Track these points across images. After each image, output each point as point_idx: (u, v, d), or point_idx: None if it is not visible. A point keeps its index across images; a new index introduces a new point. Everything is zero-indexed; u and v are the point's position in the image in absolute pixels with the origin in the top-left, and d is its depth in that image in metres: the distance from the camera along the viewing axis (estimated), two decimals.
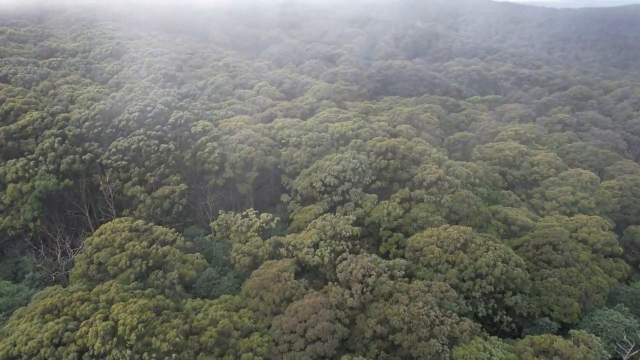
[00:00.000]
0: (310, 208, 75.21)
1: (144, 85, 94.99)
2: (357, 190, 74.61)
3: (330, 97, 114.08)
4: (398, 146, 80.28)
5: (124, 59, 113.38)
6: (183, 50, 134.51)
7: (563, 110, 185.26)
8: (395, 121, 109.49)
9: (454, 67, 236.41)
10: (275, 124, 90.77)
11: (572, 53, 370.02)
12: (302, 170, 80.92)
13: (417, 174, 79.31)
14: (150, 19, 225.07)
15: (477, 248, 64.63)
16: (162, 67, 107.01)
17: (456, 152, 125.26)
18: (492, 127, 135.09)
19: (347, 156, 77.19)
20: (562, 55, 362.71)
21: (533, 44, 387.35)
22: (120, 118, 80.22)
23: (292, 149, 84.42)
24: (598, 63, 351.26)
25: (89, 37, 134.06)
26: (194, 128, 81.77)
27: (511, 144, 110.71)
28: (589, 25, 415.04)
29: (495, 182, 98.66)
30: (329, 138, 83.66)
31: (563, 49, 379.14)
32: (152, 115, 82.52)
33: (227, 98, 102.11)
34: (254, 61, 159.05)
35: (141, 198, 71.04)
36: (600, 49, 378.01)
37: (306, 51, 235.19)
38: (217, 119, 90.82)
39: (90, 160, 75.05)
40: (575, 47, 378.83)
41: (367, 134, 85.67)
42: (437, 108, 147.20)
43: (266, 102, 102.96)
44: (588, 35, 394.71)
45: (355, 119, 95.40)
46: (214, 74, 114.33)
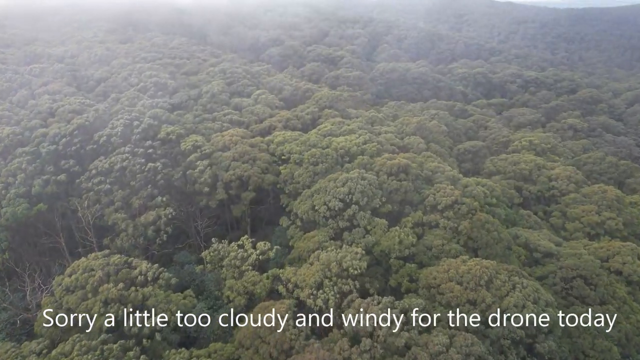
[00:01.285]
0: (312, 235, 66.57)
1: (131, 95, 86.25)
2: (366, 214, 65.95)
3: (333, 106, 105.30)
4: (410, 165, 71.61)
5: (114, 65, 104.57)
6: (178, 55, 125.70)
7: (573, 115, 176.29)
8: (403, 132, 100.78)
9: (458, 70, 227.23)
10: (275, 138, 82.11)
11: (576, 54, 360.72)
12: (303, 191, 72.27)
13: (430, 195, 70.65)
14: (147, 20, 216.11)
15: (501, 285, 56.10)
16: (153, 74, 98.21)
17: (466, 163, 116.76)
18: (503, 135, 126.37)
19: (354, 176, 68.53)
20: (566, 56, 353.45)
21: (536, 44, 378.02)
22: (102, 134, 71.60)
23: (292, 166, 75.78)
24: (602, 64, 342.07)
25: (78, 41, 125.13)
26: (184, 145, 73.17)
27: (526, 157, 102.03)
28: (593, 25, 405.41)
29: (512, 199, 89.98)
30: (333, 155, 74.98)
31: (566, 49, 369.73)
32: (140, 130, 73.92)
33: (222, 108, 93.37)
34: (253, 65, 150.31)
35: (123, 226, 62.43)
36: (604, 49, 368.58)
37: (307, 53, 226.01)
38: (210, 132, 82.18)
39: (67, 182, 66.49)
40: (579, 48, 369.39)
41: (374, 150, 77.00)
42: (445, 115, 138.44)
43: (265, 112, 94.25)
44: (592, 35, 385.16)
45: (360, 131, 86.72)
46: (210, 80, 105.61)
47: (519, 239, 73.50)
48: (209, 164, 74.20)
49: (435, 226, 68.40)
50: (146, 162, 69.24)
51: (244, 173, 72.13)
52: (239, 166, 72.84)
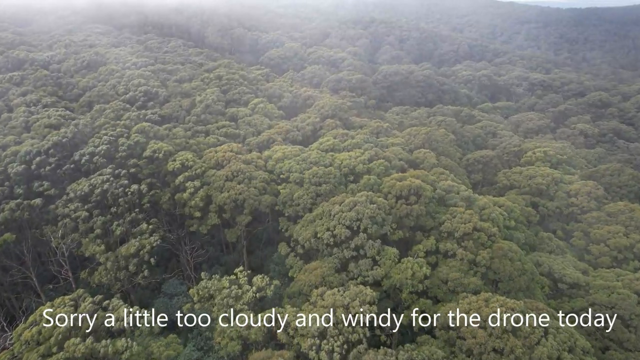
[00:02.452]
0: (315, 267, 58.91)
1: (117, 107, 78.37)
2: (375, 244, 58.27)
3: (336, 115, 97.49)
4: (422, 187, 63.79)
5: (101, 72, 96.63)
6: (171, 60, 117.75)
7: (583, 119, 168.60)
8: (412, 143, 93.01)
9: (463, 72, 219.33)
10: (273, 154, 74.33)
11: (580, 54, 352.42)
12: (304, 215, 64.57)
13: (447, 221, 62.88)
14: (143, 22, 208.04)
15: (531, 331, 48.40)
16: (143, 82, 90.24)
17: (476, 174, 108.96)
18: (514, 144, 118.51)
19: (362, 200, 60.83)
20: (569, 56, 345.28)
21: (539, 45, 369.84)
22: (84, 152, 63.84)
23: (292, 186, 68.05)
24: (607, 64, 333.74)
25: (66, 45, 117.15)
26: (172, 164, 65.36)
27: (543, 170, 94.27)
28: (596, 25, 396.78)
29: (529, 216, 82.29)
30: (336, 174, 67.21)
31: (570, 50, 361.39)
32: (125, 147, 66.16)
33: (217, 119, 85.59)
34: (251, 69, 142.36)
35: (101, 260, 54.74)
36: (609, 50, 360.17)
37: (308, 55, 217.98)
38: (203, 148, 74.42)
39: (40, 207, 58.78)
40: (583, 48, 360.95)
41: (382, 169, 69.18)
42: (452, 121, 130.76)
43: (262, 123, 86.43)
44: (595, 36, 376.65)
45: (366, 145, 78.99)
46: (204, 88, 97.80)
47: (542, 267, 65.88)
48: (201, 184, 66.49)
49: (452, 256, 60.69)
50: (130, 184, 61.48)
51: (239, 195, 64.37)
52: (234, 187, 65.09)
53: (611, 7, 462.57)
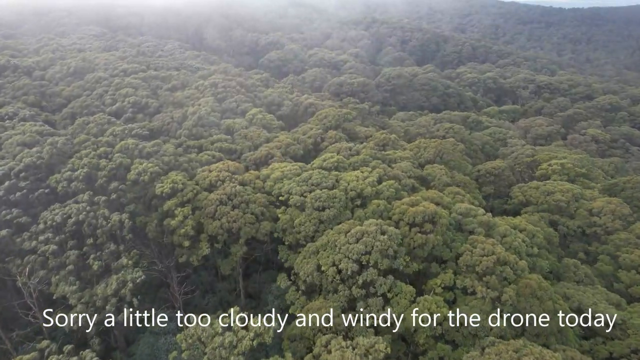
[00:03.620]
0: (319, 306, 51.52)
1: (102, 120, 70.76)
2: (387, 281, 50.89)
3: (339, 126, 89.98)
4: (438, 213, 56.30)
5: (88, 80, 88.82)
6: (165, 65, 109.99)
7: (593, 124, 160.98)
8: (421, 157, 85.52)
9: (467, 75, 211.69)
10: (271, 172, 66.78)
11: (583, 55, 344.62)
12: (306, 245, 57.11)
13: (466, 253, 55.42)
14: (140, 23, 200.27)
15: None
16: (131, 92, 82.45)
17: (487, 186, 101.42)
18: (526, 154, 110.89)
19: (371, 230, 53.38)
20: (573, 57, 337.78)
21: (542, 45, 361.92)
22: (60, 177, 56.29)
23: (293, 211, 60.57)
24: (611, 65, 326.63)
25: (54, 50, 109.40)
26: (160, 187, 57.81)
27: (562, 185, 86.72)
28: (599, 25, 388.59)
29: (550, 238, 74.75)
30: (342, 198, 59.71)
31: (573, 50, 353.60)
32: (106, 172, 58.61)
33: (211, 132, 78.05)
34: (250, 74, 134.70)
35: (72, 302, 47.31)
36: (612, 50, 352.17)
37: (308, 57, 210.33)
38: (196, 166, 66.88)
39: (6, 238, 51.29)
40: (586, 49, 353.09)
41: (392, 191, 61.65)
42: (460, 129, 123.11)
43: (260, 136, 78.85)
44: (599, 36, 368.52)
45: (373, 162, 71.53)
46: (198, 97, 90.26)
47: (570, 301, 58.44)
48: (192, 209, 59.04)
49: (472, 293, 53.26)
50: (111, 213, 53.99)
51: (233, 223, 56.92)
52: (228, 213, 57.63)
53: (614, 7, 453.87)
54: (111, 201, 56.31)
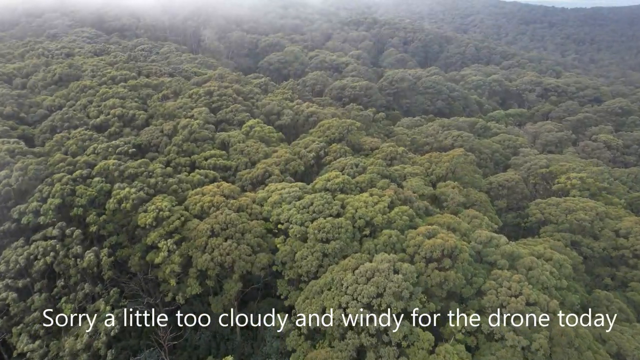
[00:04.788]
0: (324, 356, 44.29)
1: (83, 136, 63.37)
2: (403, 328, 43.59)
3: (344, 138, 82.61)
4: (459, 248, 49.01)
5: (72, 89, 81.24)
6: (158, 70, 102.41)
7: (604, 129, 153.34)
8: (433, 173, 78.07)
9: (472, 77, 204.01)
10: (269, 195, 59.42)
11: (587, 55, 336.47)
12: (309, 283, 49.84)
13: (488, 291, 48.16)
14: (135, 24, 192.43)
15: None
16: (118, 103, 74.78)
17: (500, 200, 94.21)
18: (541, 164, 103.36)
19: (383, 268, 46.10)
20: (577, 57, 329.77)
21: (545, 45, 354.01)
22: (25, 209, 48.90)
23: (293, 242, 53.25)
24: (615, 66, 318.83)
25: (39, 54, 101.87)
26: (144, 217, 50.48)
27: (583, 202, 79.42)
28: (602, 25, 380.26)
29: (575, 265, 67.42)
30: (349, 227, 52.38)
31: (577, 51, 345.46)
32: (84, 200, 51.26)
33: (204, 147, 70.69)
34: (248, 78, 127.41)
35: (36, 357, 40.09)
36: (616, 51, 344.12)
37: (309, 59, 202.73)
38: (187, 188, 59.52)
39: None
40: (590, 49, 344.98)
41: (405, 219, 54.28)
42: (469, 137, 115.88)
43: (258, 151, 71.41)
44: (602, 36, 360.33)
45: (381, 182, 64.14)
46: (192, 106, 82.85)
47: (608, 345, 51.18)
48: (179, 240, 51.75)
49: (500, 339, 45.96)
50: (85, 250, 46.71)
51: (226, 257, 49.64)
52: (220, 245, 50.38)
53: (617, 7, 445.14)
54: (88, 234, 49.01)
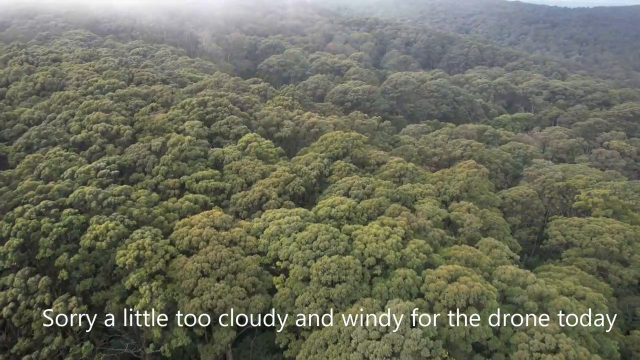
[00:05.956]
0: None
1: (58, 157, 56.13)
2: None
3: (348, 153, 75.40)
4: (487, 295, 41.85)
5: (54, 100, 73.82)
6: (150, 77, 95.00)
7: (617, 135, 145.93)
8: (446, 193, 70.86)
9: (477, 80, 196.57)
10: (266, 225, 52.24)
11: (591, 55, 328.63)
12: (312, 334, 42.73)
13: (519, 344, 41.07)
14: (131, 26, 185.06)
15: None
16: (103, 117, 67.02)
17: (514, 216, 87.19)
18: (556, 177, 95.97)
19: (399, 319, 38.93)
20: (581, 58, 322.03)
21: (548, 46, 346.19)
22: None
23: (293, 283, 46.15)
24: (619, 66, 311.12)
25: (22, 60, 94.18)
26: (123, 257, 43.33)
27: (610, 223, 72.23)
28: (605, 25, 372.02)
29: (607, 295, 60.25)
30: (358, 268, 45.23)
31: (580, 51, 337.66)
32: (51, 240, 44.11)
33: (196, 166, 63.46)
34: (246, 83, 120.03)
35: None
36: (620, 51, 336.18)
37: (310, 62, 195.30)
38: (172, 218, 52.41)
39: None
40: (594, 50, 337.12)
41: (422, 257, 47.13)
42: (479, 147, 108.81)
43: (255, 170, 64.13)
44: (606, 36, 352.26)
45: (391, 207, 56.99)
46: (183, 119, 75.63)
47: None
48: (164, 281, 44.67)
49: None
50: (53, 300, 39.64)
51: (218, 301, 42.57)
52: (210, 287, 43.30)
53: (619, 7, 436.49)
54: (57, 279, 41.90)
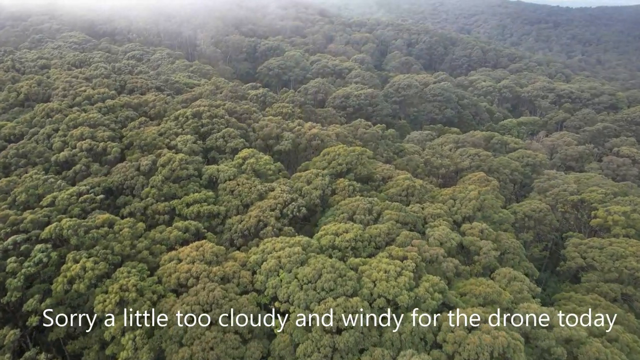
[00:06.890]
0: None
1: (36, 181, 50.57)
2: None
3: (352, 169, 69.91)
4: (512, 347, 36.47)
5: (37, 113, 68.15)
6: (143, 84, 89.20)
7: (627, 142, 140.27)
8: (457, 213, 65.37)
9: (482, 83, 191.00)
10: (263, 258, 46.77)
11: (594, 56, 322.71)
12: None
13: None
14: (127, 28, 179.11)
15: None
16: (88, 132, 61.23)
17: (526, 232, 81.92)
18: (570, 190, 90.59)
19: None
20: (584, 58, 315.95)
21: (551, 46, 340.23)
22: None
23: (294, 328, 40.73)
24: (623, 67, 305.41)
25: (8, 68, 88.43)
26: (102, 303, 37.94)
27: (633, 245, 66.86)
28: (608, 25, 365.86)
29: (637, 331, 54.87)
30: (366, 311, 39.83)
31: (583, 51, 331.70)
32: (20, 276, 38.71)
33: (189, 187, 58.07)
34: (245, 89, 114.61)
35: None
36: (623, 51, 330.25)
37: (310, 64, 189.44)
38: (159, 251, 46.97)
39: None
40: (597, 50, 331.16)
41: (436, 299, 41.70)
42: (487, 157, 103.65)
43: (251, 190, 58.63)
44: (609, 36, 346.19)
45: (403, 236, 51.54)
46: (177, 132, 70.09)
47: None
48: (150, 329, 39.27)
49: None
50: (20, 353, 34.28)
51: (208, 355, 37.15)
52: (201, 336, 37.89)
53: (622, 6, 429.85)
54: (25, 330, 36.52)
